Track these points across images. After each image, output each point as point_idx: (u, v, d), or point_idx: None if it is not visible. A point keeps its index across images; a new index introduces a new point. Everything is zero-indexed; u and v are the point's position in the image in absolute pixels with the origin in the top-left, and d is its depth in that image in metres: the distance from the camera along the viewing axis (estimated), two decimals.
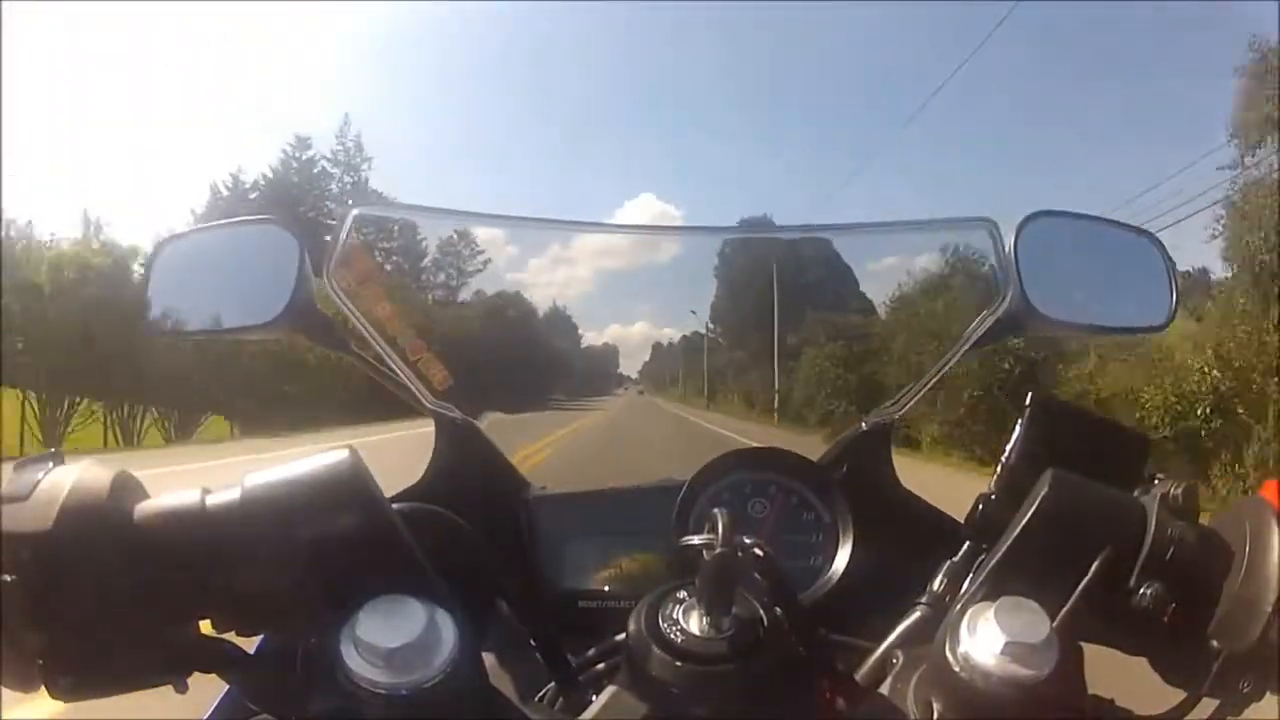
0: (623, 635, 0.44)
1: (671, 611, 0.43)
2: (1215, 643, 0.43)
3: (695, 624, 0.42)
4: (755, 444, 0.81)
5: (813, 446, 0.81)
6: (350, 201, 0.74)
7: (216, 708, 0.58)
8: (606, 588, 0.75)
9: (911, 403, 0.79)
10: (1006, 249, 0.71)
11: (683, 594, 0.43)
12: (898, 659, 0.46)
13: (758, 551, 0.43)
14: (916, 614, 0.54)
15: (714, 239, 0.86)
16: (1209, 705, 0.45)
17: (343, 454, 0.45)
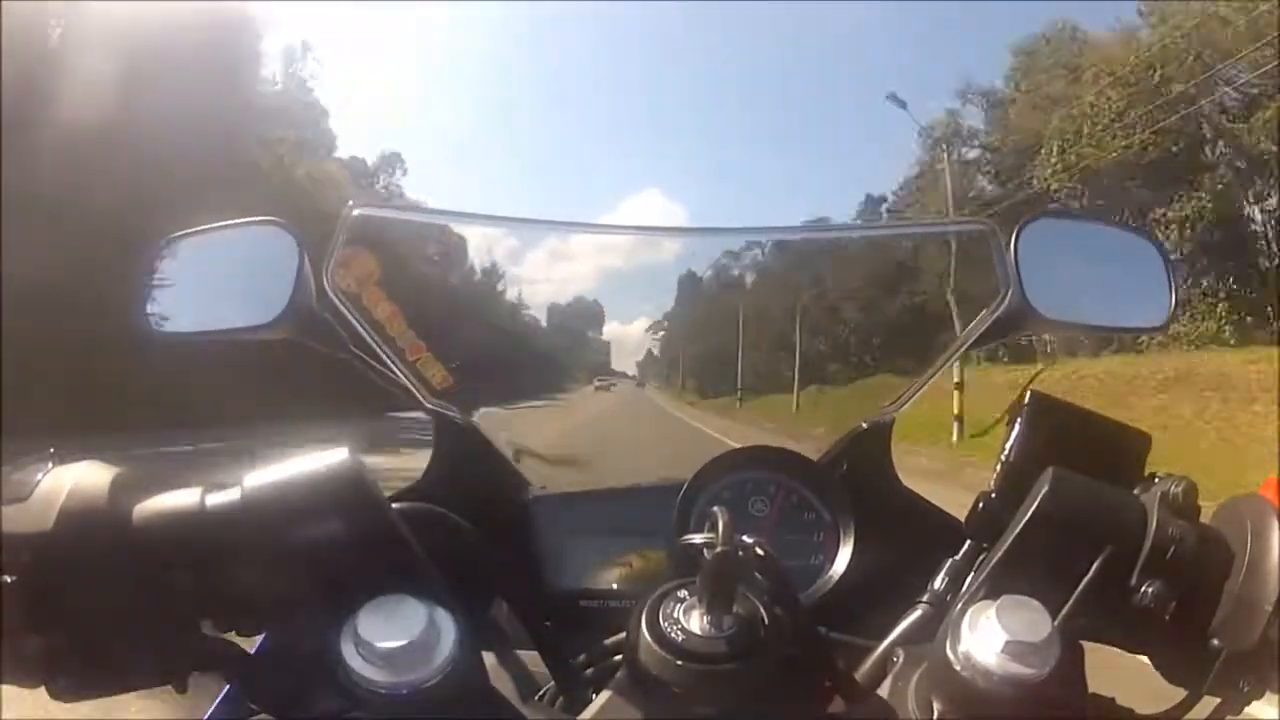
0: (623, 634, 0.44)
1: (672, 610, 0.43)
2: (1216, 642, 0.43)
3: (696, 623, 0.42)
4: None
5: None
6: (350, 202, 0.74)
7: (216, 708, 0.58)
8: (607, 587, 0.74)
9: (910, 402, 0.79)
10: (1006, 250, 0.72)
11: (683, 593, 0.43)
12: (898, 658, 0.46)
13: (758, 550, 0.43)
14: (917, 613, 0.54)
15: (713, 239, 0.86)
16: (1209, 704, 0.45)
17: (343, 453, 0.45)
